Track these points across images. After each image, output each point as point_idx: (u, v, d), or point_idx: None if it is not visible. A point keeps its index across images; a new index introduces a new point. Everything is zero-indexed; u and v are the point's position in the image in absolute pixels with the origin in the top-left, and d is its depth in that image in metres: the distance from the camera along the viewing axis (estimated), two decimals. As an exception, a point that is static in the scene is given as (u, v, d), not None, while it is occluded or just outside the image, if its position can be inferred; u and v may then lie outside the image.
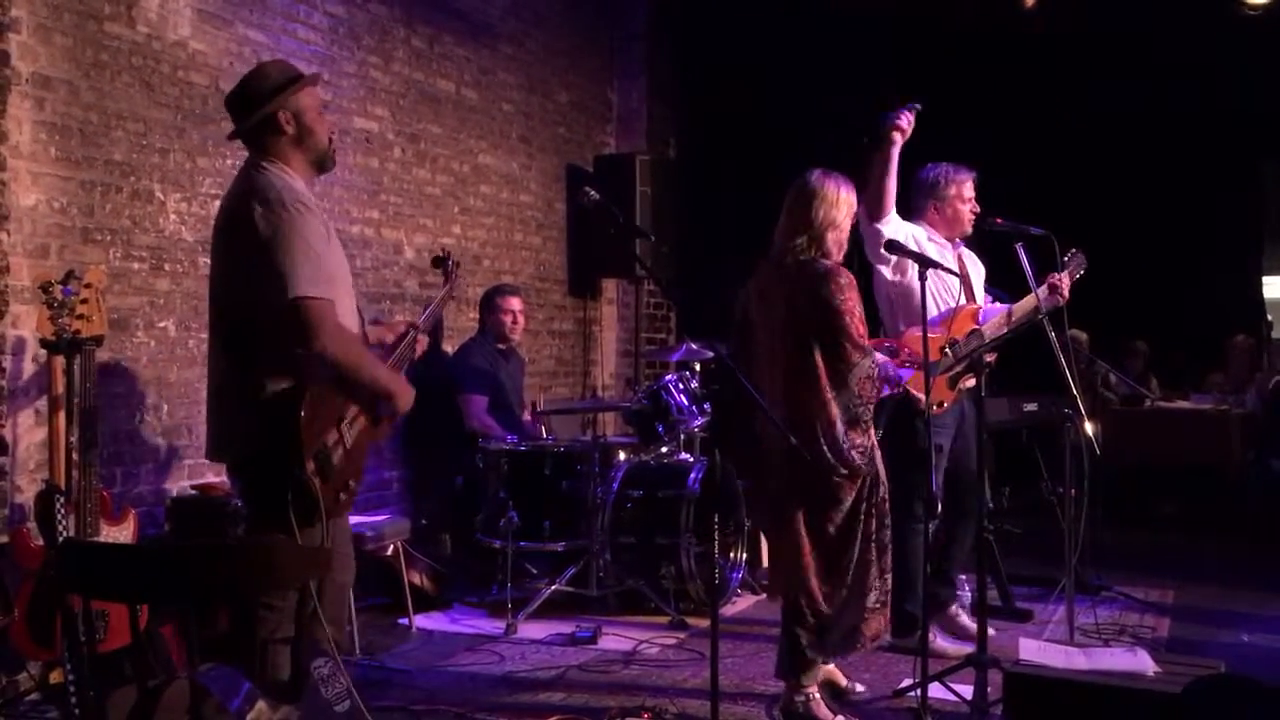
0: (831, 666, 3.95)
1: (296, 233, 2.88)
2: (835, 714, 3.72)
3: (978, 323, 4.48)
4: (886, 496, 3.71)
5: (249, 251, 2.90)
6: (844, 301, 3.63)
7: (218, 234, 3.08)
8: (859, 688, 4.07)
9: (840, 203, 3.74)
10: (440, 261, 4.28)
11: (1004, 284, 4.87)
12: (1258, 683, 2.28)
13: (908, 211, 4.59)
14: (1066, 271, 4.56)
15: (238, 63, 5.00)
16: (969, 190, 4.63)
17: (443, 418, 5.73)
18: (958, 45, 7.57)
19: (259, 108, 3.06)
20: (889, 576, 3.71)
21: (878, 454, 3.71)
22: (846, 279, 3.68)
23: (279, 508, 2.85)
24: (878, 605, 3.69)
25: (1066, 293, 4.52)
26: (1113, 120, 8.01)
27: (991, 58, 7.61)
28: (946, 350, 4.29)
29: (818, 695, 3.74)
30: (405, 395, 3.10)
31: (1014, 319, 4.50)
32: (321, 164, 3.15)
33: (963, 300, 4.53)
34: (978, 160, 4.77)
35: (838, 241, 3.76)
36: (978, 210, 4.62)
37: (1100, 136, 8.05)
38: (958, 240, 4.69)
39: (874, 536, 3.67)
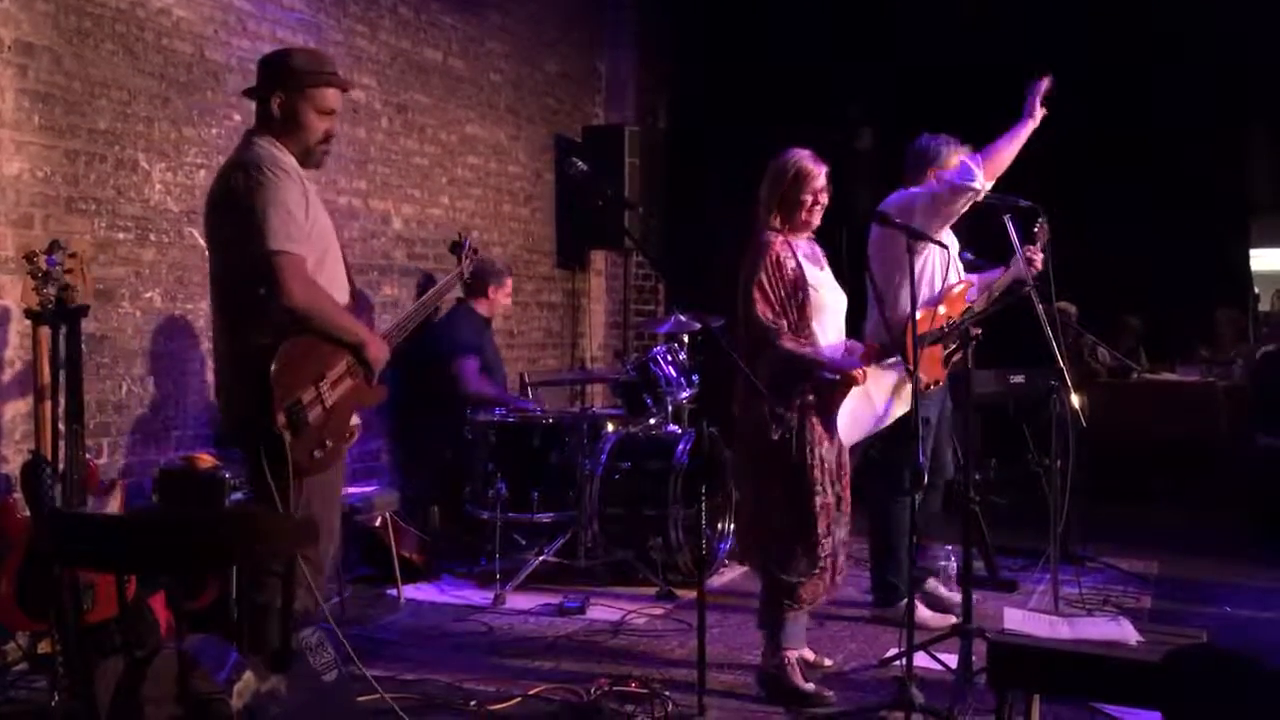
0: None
1: (272, 193, 3.07)
2: (807, 681, 3.75)
3: (968, 301, 4.50)
4: (816, 468, 3.72)
5: (232, 215, 3.10)
6: (752, 271, 3.74)
7: (209, 204, 3.27)
8: (827, 661, 4.11)
9: (787, 170, 3.81)
10: (457, 246, 4.33)
11: (992, 256, 4.89)
12: (1238, 653, 2.30)
13: (900, 180, 4.62)
14: (1039, 243, 4.59)
15: (222, 30, 4.96)
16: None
17: (432, 388, 5.73)
18: (952, 13, 7.54)
19: (261, 86, 3.25)
20: (825, 543, 3.73)
21: (811, 429, 3.72)
22: (761, 250, 3.75)
23: (256, 461, 3.04)
24: (810, 571, 3.73)
25: (1039, 263, 4.57)
26: (1100, 93, 7.99)
27: (985, 29, 7.58)
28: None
29: (794, 662, 3.77)
30: (374, 345, 3.28)
31: (993, 292, 4.54)
32: (304, 158, 3.27)
33: (952, 277, 4.54)
34: (966, 131, 4.76)
35: (797, 206, 3.81)
36: None
37: (1087, 109, 8.02)
38: None
39: (800, 505, 3.71)
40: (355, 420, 3.34)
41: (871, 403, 3.81)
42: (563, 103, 7.48)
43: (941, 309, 4.32)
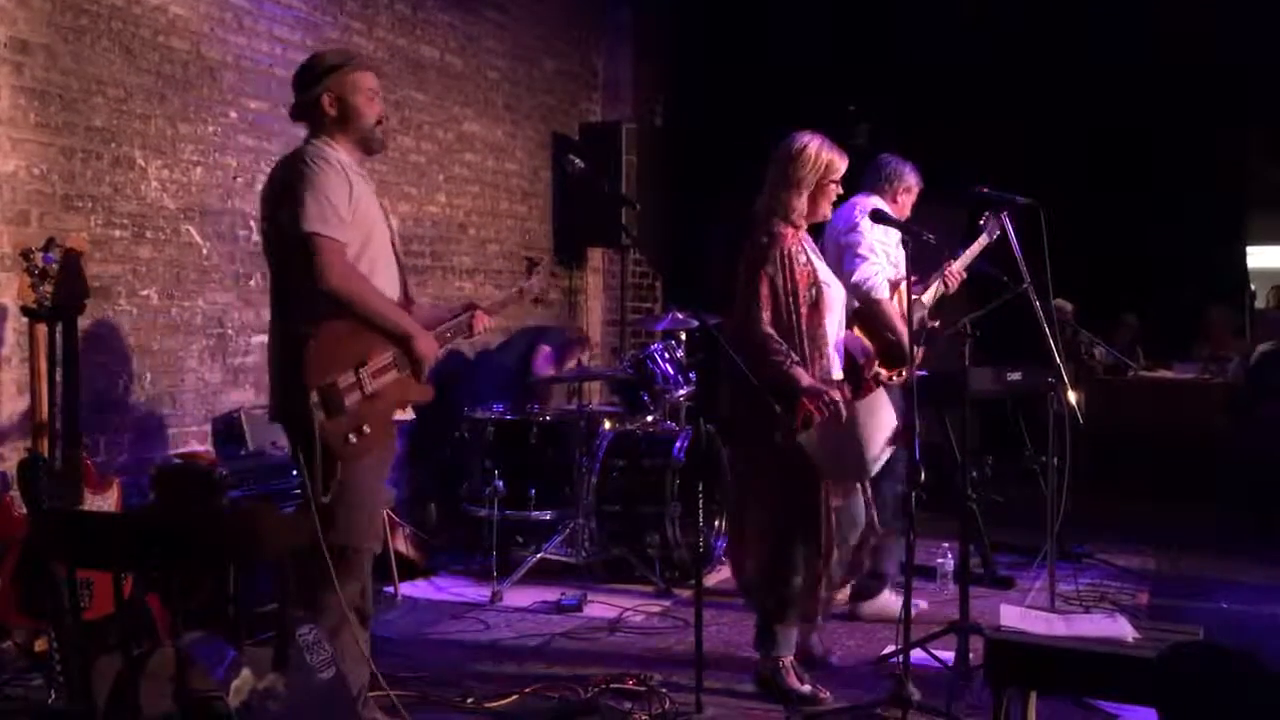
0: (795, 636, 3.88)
1: (312, 180, 3.14)
2: (804, 683, 3.74)
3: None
4: (807, 479, 3.61)
5: (277, 203, 3.20)
6: (758, 265, 3.61)
7: (262, 199, 3.36)
8: (834, 659, 4.09)
9: (814, 157, 3.71)
10: (533, 264, 4.16)
11: (988, 254, 4.91)
12: (1234, 649, 2.31)
13: (859, 186, 4.67)
14: (985, 232, 4.69)
15: (219, 28, 4.95)
16: (916, 194, 4.77)
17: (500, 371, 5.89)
18: (950, 14, 7.55)
19: (308, 89, 3.29)
20: (818, 563, 3.63)
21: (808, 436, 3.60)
22: (773, 242, 3.62)
23: (293, 441, 3.12)
24: (807, 586, 3.65)
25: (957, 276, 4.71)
26: (1098, 91, 8.00)
27: (984, 28, 7.59)
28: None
29: (788, 665, 3.75)
30: (422, 340, 3.28)
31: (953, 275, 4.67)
32: (366, 144, 3.35)
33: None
34: (966, 131, 4.78)
35: (821, 195, 3.74)
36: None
37: (1085, 107, 8.04)
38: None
39: (800, 514, 3.62)
40: (402, 415, 3.33)
41: (858, 442, 3.61)
42: (560, 100, 7.47)
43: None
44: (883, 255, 4.49)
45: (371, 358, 3.19)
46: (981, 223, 4.77)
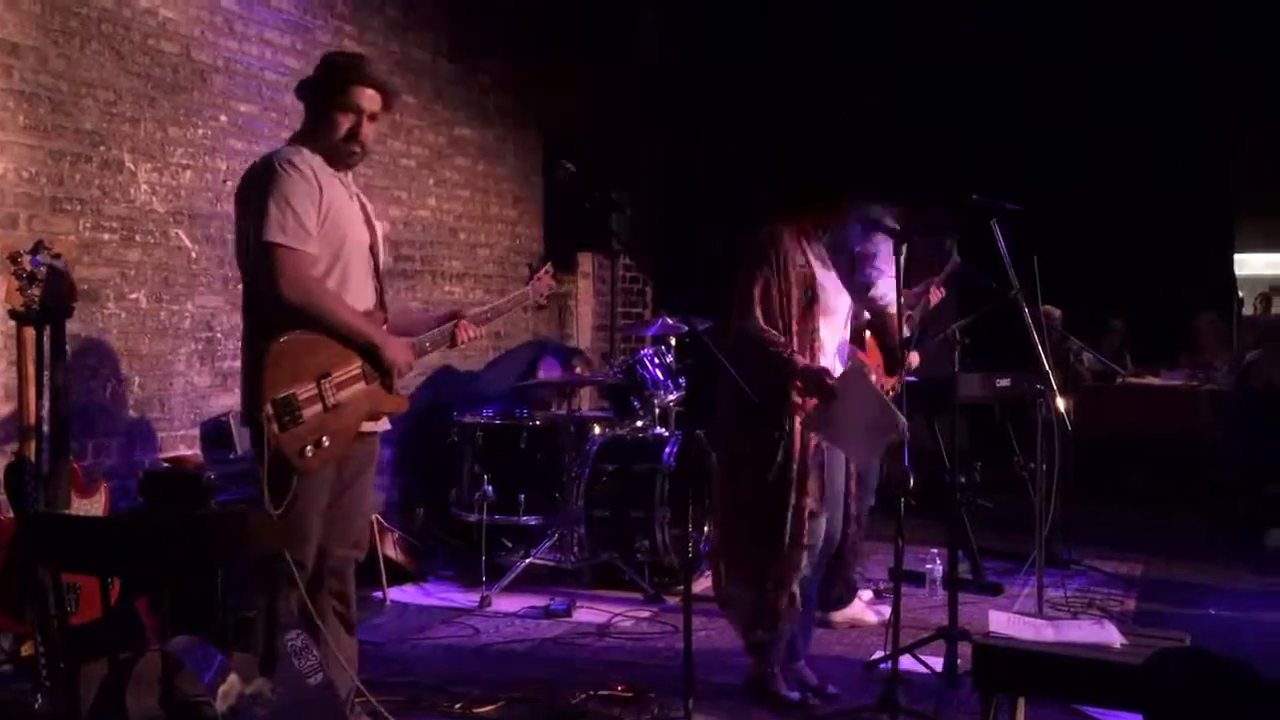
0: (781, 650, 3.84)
1: (276, 186, 3.09)
2: (792, 689, 3.74)
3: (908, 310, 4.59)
4: (793, 486, 3.61)
5: (243, 208, 3.19)
6: (755, 262, 3.64)
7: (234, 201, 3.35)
8: (830, 688, 4.03)
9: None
10: (532, 267, 4.13)
11: (981, 259, 4.93)
12: (1220, 655, 2.31)
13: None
14: (945, 272, 4.87)
15: (209, 31, 4.94)
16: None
17: (418, 391, 5.74)
18: (946, 14, 7.57)
19: (307, 83, 3.29)
20: (792, 568, 3.64)
21: (802, 438, 3.61)
22: (771, 240, 3.65)
23: (254, 448, 3.08)
24: (776, 594, 3.65)
25: (938, 296, 4.89)
26: (1090, 96, 8.03)
27: (976, 34, 7.62)
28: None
29: (777, 671, 3.75)
30: (390, 350, 3.22)
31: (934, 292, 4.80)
32: (330, 155, 3.24)
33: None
34: (957, 135, 4.80)
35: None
36: None
37: (1077, 114, 8.07)
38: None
39: (771, 521, 3.62)
40: (375, 426, 3.31)
41: (851, 430, 3.57)
42: (552, 104, 7.47)
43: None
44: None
45: (336, 369, 3.12)
46: (947, 247, 4.83)
